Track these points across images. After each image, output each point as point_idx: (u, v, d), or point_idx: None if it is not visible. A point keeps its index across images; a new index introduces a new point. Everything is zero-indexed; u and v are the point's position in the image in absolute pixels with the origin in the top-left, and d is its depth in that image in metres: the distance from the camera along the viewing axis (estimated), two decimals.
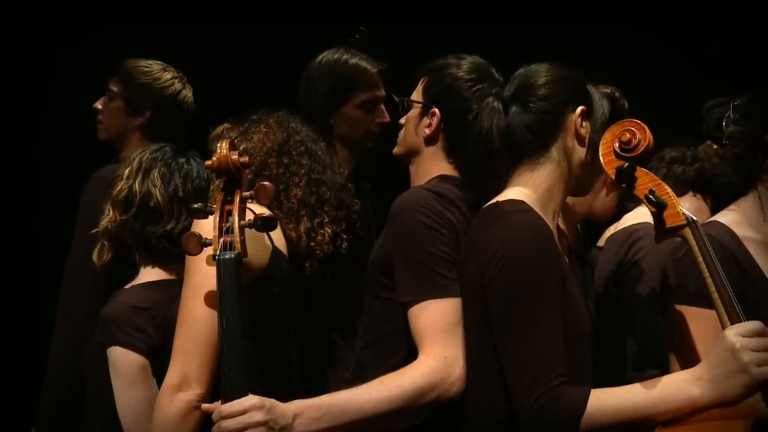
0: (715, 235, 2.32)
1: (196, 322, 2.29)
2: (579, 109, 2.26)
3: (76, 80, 4.07)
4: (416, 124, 2.56)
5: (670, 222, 2.11)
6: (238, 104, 2.92)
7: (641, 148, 2.15)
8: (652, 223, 2.66)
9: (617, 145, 2.16)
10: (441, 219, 2.34)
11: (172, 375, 2.29)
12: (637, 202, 2.82)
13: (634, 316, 2.60)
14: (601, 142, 2.20)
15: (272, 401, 2.11)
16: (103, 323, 2.63)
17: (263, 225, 2.29)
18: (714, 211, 2.66)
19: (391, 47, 3.35)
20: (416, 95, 2.56)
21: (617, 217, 2.91)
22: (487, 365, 2.16)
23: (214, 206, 2.29)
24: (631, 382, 2.36)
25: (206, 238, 2.26)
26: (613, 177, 2.20)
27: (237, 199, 2.29)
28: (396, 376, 2.23)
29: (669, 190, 2.14)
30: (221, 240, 2.24)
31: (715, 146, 2.74)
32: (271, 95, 2.88)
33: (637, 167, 2.15)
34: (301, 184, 2.66)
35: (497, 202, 2.23)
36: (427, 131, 2.53)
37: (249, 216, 2.31)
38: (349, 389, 2.25)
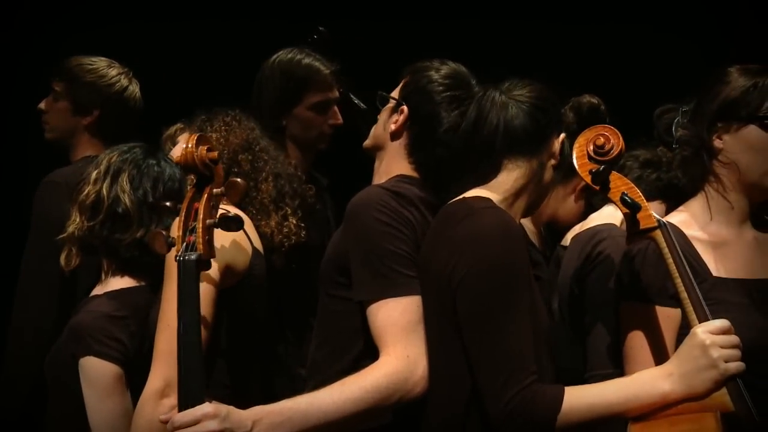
0: None
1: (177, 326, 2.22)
2: (562, 135, 2.35)
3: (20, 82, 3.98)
4: (386, 120, 2.56)
5: (643, 224, 2.17)
6: (191, 104, 2.90)
7: (614, 152, 2.21)
8: (619, 224, 2.73)
9: (591, 148, 2.22)
10: (398, 217, 2.32)
11: (155, 380, 2.23)
12: (602, 203, 2.84)
13: (595, 315, 2.60)
14: (575, 146, 2.25)
15: (229, 408, 2.06)
16: (76, 333, 2.55)
17: (228, 224, 2.20)
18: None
19: (347, 48, 3.33)
20: (395, 92, 2.57)
21: (583, 217, 2.92)
22: (452, 365, 2.15)
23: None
24: (590, 382, 2.43)
25: (171, 237, 2.19)
26: (588, 180, 2.25)
27: (205, 197, 2.21)
28: (358, 377, 2.19)
29: (639, 193, 2.19)
30: (185, 240, 2.17)
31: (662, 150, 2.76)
32: (221, 95, 2.86)
33: (612, 172, 2.21)
34: (268, 179, 2.67)
35: (464, 198, 2.25)
36: (392, 127, 2.54)
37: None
38: (310, 393, 2.21)
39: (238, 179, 2.25)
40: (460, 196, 2.27)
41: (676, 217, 2.45)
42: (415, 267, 2.28)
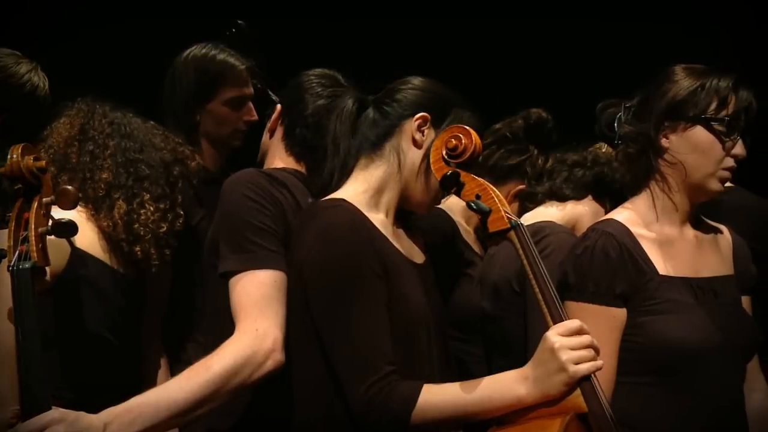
0: (612, 232, 2.39)
1: (5, 340, 2.13)
2: (419, 115, 2.27)
3: None
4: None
5: (495, 226, 2.12)
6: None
7: (467, 154, 2.16)
8: (553, 222, 2.77)
9: (444, 151, 2.18)
10: (266, 194, 2.32)
11: None
12: (536, 203, 2.87)
13: (534, 313, 2.55)
14: (432, 149, 2.22)
15: (78, 414, 2.01)
16: None
17: (61, 230, 2.20)
18: None
19: (264, 44, 3.27)
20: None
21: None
22: (313, 361, 2.14)
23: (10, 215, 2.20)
24: None
25: (2, 249, 2.15)
26: (440, 182, 2.21)
27: (35, 206, 2.20)
28: (206, 359, 2.15)
29: (495, 194, 2.14)
30: (17, 250, 2.14)
31: (605, 147, 2.82)
32: (133, 91, 2.79)
33: (464, 173, 2.16)
34: (106, 166, 2.57)
35: (316, 200, 2.26)
36: (269, 125, 2.63)
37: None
38: (161, 385, 2.19)
39: (69, 187, 2.25)
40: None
41: (622, 215, 2.47)
42: (279, 243, 2.26)
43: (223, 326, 2.26)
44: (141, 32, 4.04)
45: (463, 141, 2.16)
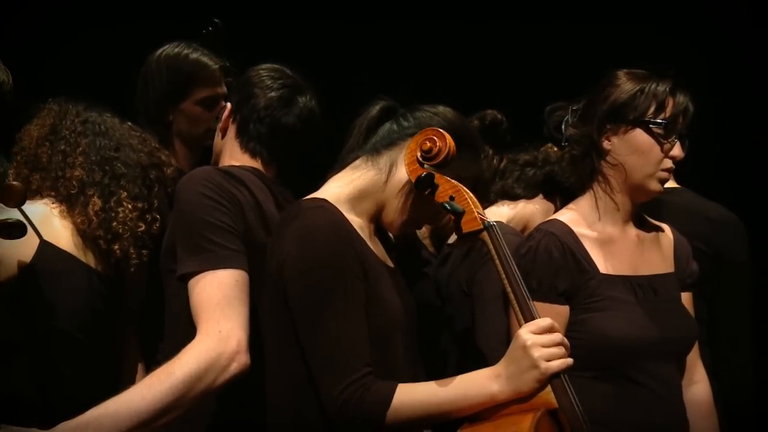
0: (555, 232, 2.46)
1: None
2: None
3: None
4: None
5: (468, 227, 2.13)
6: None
7: (441, 156, 2.16)
8: (501, 222, 2.81)
9: (419, 153, 2.18)
10: (222, 191, 2.28)
11: None
12: (489, 203, 2.91)
13: (484, 312, 2.64)
14: (406, 151, 2.22)
15: (29, 430, 1.98)
16: None
17: (9, 231, 2.11)
18: None
19: (239, 43, 3.30)
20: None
21: None
22: (290, 361, 2.12)
23: None
24: None
25: None
26: (414, 185, 2.21)
27: None
28: (168, 365, 2.08)
29: (469, 195, 2.15)
30: None
31: (555, 148, 2.85)
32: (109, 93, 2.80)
33: (438, 174, 2.17)
34: (77, 163, 2.53)
35: (299, 200, 2.24)
36: (220, 125, 2.60)
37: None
38: (121, 394, 2.07)
39: (15, 182, 2.15)
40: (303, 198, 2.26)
41: (566, 215, 2.53)
42: (239, 241, 2.23)
43: (183, 331, 2.19)
44: (120, 35, 4.06)
45: (437, 143, 2.16)
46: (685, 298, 2.58)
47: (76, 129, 2.59)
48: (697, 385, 2.62)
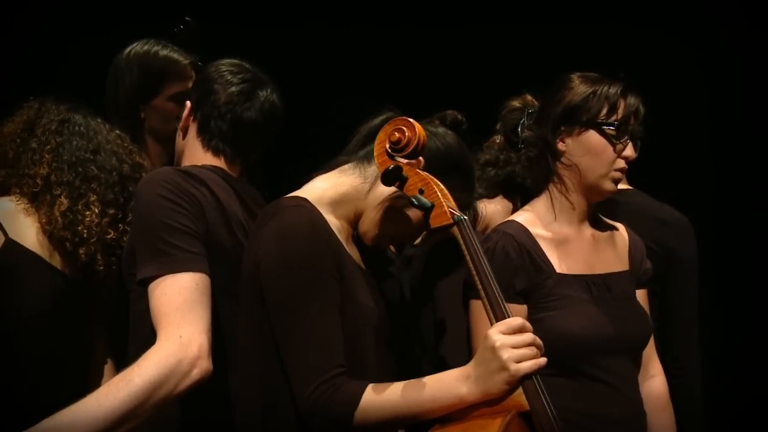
0: (512, 233, 2.51)
1: None
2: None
3: None
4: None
5: (437, 222, 2.07)
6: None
7: (410, 147, 2.09)
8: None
9: (388, 145, 2.12)
10: (182, 192, 2.24)
11: None
12: None
13: (443, 311, 2.67)
14: (376, 142, 2.17)
15: None
16: None
17: None
18: None
19: (206, 43, 3.33)
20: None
21: None
22: (265, 360, 2.11)
23: None
24: None
25: None
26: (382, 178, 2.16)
27: None
28: (126, 371, 2.02)
29: (439, 188, 2.09)
30: None
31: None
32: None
33: (407, 167, 2.11)
34: (44, 161, 2.51)
35: (279, 198, 2.22)
36: (180, 125, 2.57)
37: None
38: (78, 402, 2.00)
39: None
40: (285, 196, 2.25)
41: (522, 216, 2.58)
42: (200, 243, 2.20)
43: (147, 335, 2.14)
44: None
45: (406, 134, 2.10)
46: (640, 295, 2.64)
47: (51, 127, 2.58)
48: (654, 379, 2.69)
